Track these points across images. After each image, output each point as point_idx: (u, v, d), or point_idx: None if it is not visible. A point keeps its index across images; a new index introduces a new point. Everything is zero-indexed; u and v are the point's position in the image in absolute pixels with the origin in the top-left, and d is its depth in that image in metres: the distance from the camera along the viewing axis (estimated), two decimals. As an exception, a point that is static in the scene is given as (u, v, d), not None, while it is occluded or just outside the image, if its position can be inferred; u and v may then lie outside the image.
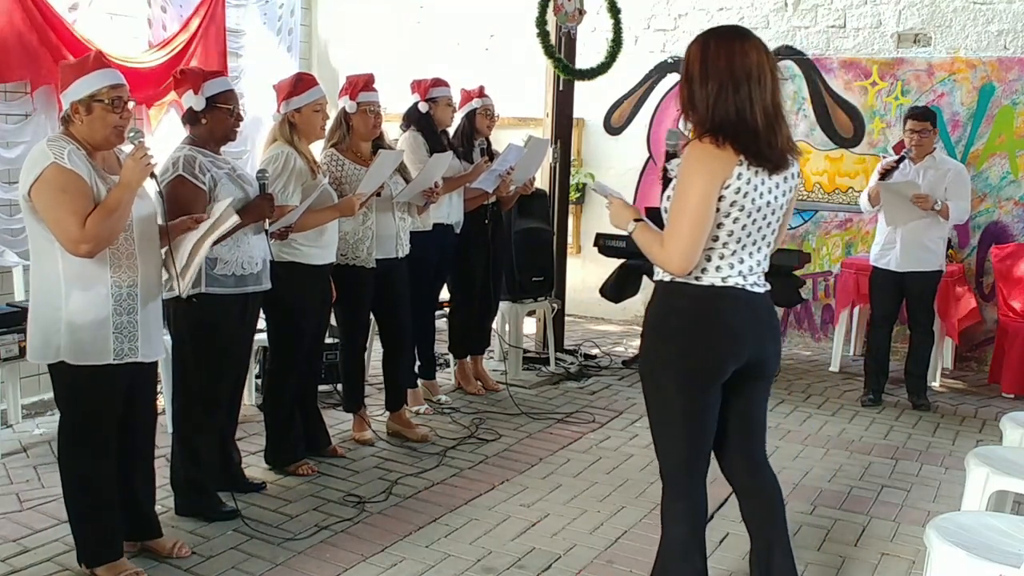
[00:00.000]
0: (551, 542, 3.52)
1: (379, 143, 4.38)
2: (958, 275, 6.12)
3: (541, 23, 5.77)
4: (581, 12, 6.03)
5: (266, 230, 3.58)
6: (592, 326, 7.55)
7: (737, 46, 2.41)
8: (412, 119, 4.94)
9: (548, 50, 5.84)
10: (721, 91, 2.40)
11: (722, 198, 2.41)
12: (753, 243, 2.49)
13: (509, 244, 5.58)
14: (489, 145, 5.30)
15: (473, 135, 5.19)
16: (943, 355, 6.15)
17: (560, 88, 6.08)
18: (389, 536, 3.52)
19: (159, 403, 3.58)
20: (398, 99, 5.35)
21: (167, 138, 5.34)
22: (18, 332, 4.22)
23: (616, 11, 6.12)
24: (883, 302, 5.43)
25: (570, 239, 7.18)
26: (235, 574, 3.20)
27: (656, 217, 2.63)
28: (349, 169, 4.23)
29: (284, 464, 4.13)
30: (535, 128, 6.58)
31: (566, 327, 6.55)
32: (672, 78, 7.27)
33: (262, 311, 3.87)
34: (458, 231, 5.10)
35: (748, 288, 2.51)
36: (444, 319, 5.66)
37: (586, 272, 7.40)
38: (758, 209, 2.45)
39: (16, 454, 4.27)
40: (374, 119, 4.27)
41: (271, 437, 4.14)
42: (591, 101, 7.27)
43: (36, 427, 4.60)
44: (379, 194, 4.22)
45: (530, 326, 6.50)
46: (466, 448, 4.53)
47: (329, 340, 4.60)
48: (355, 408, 4.62)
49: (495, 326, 5.71)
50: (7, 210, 4.89)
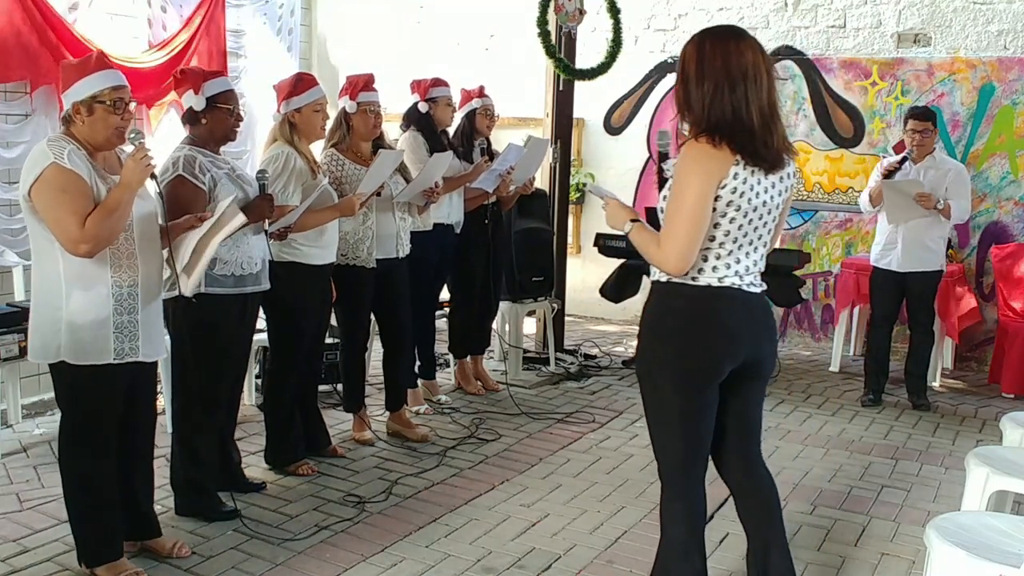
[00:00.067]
0: (551, 542, 3.52)
1: (379, 143, 4.38)
2: (958, 275, 6.12)
3: (542, 23, 5.77)
4: (581, 12, 6.03)
5: (265, 230, 3.58)
6: (592, 326, 7.54)
7: (733, 46, 2.41)
8: (412, 119, 4.94)
9: (549, 50, 5.85)
10: (717, 91, 2.40)
11: (718, 198, 2.41)
12: (750, 243, 2.49)
13: (509, 244, 5.58)
14: (489, 145, 5.29)
15: (473, 135, 5.19)
16: (943, 355, 6.14)
17: (560, 88, 6.08)
18: (389, 536, 3.52)
19: (159, 403, 3.58)
20: (398, 99, 5.35)
21: (167, 138, 5.35)
22: (18, 332, 4.23)
23: (616, 11, 6.12)
24: (883, 302, 5.43)
25: (570, 239, 7.17)
26: (235, 574, 3.20)
27: (655, 217, 2.63)
28: (349, 169, 4.23)
29: (284, 464, 4.13)
30: (535, 128, 6.58)
31: (566, 327, 6.55)
32: (672, 78, 7.24)
33: (262, 311, 3.87)
34: (458, 231, 5.10)
35: (745, 288, 2.51)
36: (444, 319, 5.66)
37: (586, 272, 7.40)
38: (754, 209, 2.45)
39: (16, 454, 4.27)
40: (374, 119, 4.27)
41: (271, 437, 4.14)
42: (591, 101, 7.27)
43: (36, 427, 4.61)
44: (379, 194, 4.22)
45: (530, 326, 6.50)
46: (466, 448, 4.53)
47: (329, 340, 4.60)
48: (355, 408, 4.62)
49: (495, 326, 5.71)
50: (7, 210, 4.89)
